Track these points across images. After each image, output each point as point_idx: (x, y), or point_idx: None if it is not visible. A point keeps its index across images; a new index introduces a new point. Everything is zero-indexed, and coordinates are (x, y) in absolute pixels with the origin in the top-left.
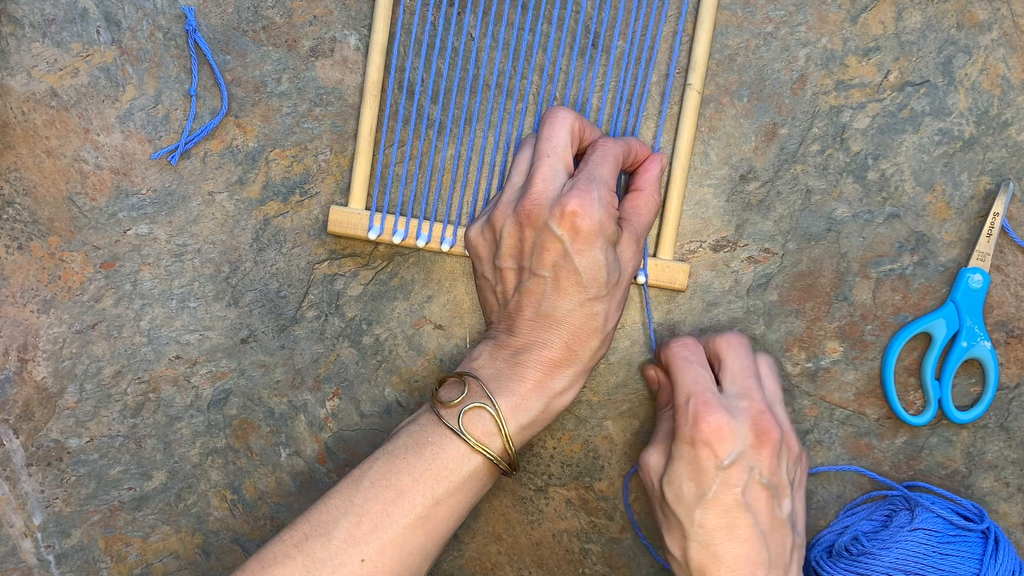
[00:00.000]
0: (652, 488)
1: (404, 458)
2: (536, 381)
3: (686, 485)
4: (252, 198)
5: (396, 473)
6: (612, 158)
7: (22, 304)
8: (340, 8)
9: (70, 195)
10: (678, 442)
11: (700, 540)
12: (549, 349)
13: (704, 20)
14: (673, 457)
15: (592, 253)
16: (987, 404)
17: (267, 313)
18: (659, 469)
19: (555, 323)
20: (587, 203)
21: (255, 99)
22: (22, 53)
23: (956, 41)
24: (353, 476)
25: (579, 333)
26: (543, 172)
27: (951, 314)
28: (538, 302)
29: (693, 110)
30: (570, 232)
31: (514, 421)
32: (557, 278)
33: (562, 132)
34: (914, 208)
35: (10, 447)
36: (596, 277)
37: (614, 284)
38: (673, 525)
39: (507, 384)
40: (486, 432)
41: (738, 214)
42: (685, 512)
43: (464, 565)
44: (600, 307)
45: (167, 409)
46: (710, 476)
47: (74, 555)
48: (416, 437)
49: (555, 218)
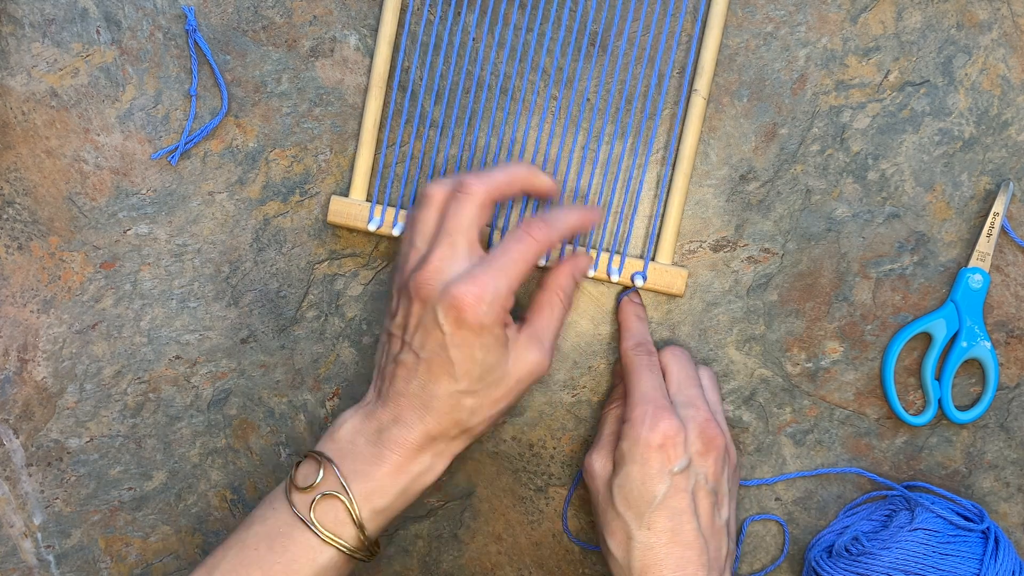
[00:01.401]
0: (597, 491)
1: (255, 549)
2: (394, 464)
3: (636, 488)
4: (252, 198)
5: (246, 566)
6: (528, 252)
7: (22, 304)
8: (340, 8)
9: (70, 195)
10: (632, 445)
11: (645, 542)
12: (410, 431)
13: (713, 26)
14: (625, 460)
15: (470, 349)
16: (987, 404)
17: (267, 313)
18: (605, 472)
19: (420, 405)
20: (477, 298)
21: (255, 99)
22: (22, 53)
23: (956, 41)
24: (206, 566)
25: (442, 420)
26: (442, 251)
27: (951, 314)
28: (408, 379)
29: (698, 116)
30: (453, 324)
31: (369, 507)
32: (431, 362)
33: (470, 210)
34: (914, 208)
35: (10, 447)
36: (469, 372)
37: (491, 382)
38: (617, 528)
39: (364, 467)
40: (339, 521)
41: (738, 214)
42: (634, 515)
43: (464, 565)
44: (469, 401)
45: (167, 409)
46: (661, 480)
47: (74, 555)
48: (269, 525)
49: (443, 304)
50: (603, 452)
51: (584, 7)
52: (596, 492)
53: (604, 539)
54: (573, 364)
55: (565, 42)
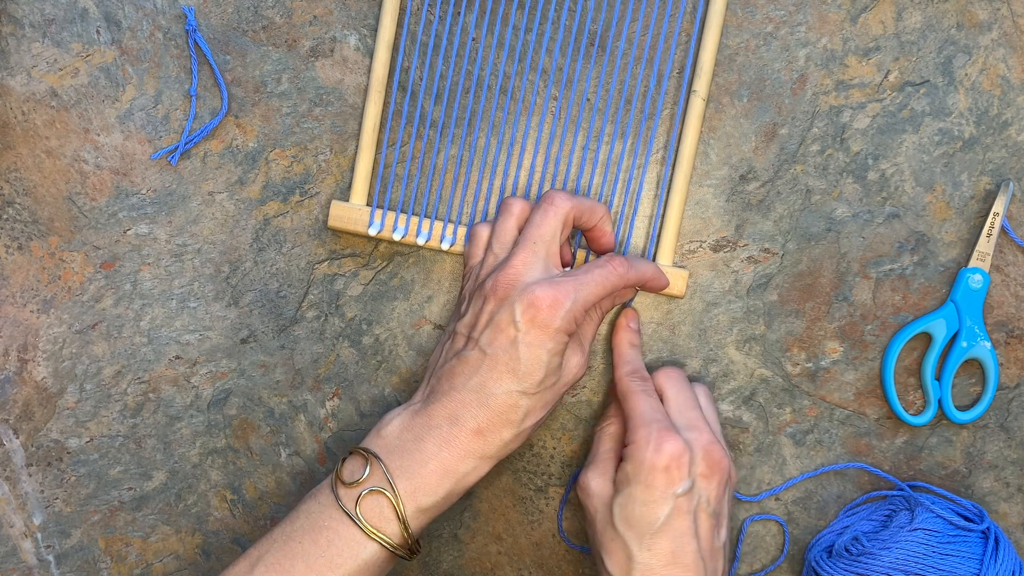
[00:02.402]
0: (594, 509)
1: (300, 542)
2: (441, 464)
3: (639, 510)
4: (252, 198)
5: (290, 558)
6: (608, 279)
7: (22, 304)
8: (340, 8)
9: (70, 195)
10: (636, 467)
11: (646, 564)
12: (460, 429)
13: (711, 27)
14: (629, 481)
15: (538, 350)
16: (987, 404)
17: (267, 313)
18: (604, 492)
19: (475, 401)
20: (557, 303)
21: (255, 99)
22: (22, 53)
23: (956, 41)
24: (250, 557)
25: (495, 420)
26: (524, 256)
27: (951, 314)
28: (469, 375)
29: (697, 117)
30: (528, 322)
31: (414, 504)
32: (497, 359)
33: (554, 221)
34: (914, 208)
35: (10, 447)
36: (532, 373)
37: (548, 386)
38: (616, 548)
39: (410, 465)
40: (384, 517)
41: (738, 214)
42: (635, 536)
43: (464, 565)
44: (525, 402)
45: (167, 409)
46: (664, 502)
47: (74, 555)
48: (314, 519)
49: (521, 302)
50: (600, 471)
51: (584, 7)
52: (593, 511)
53: (602, 559)
54: None
55: (565, 42)
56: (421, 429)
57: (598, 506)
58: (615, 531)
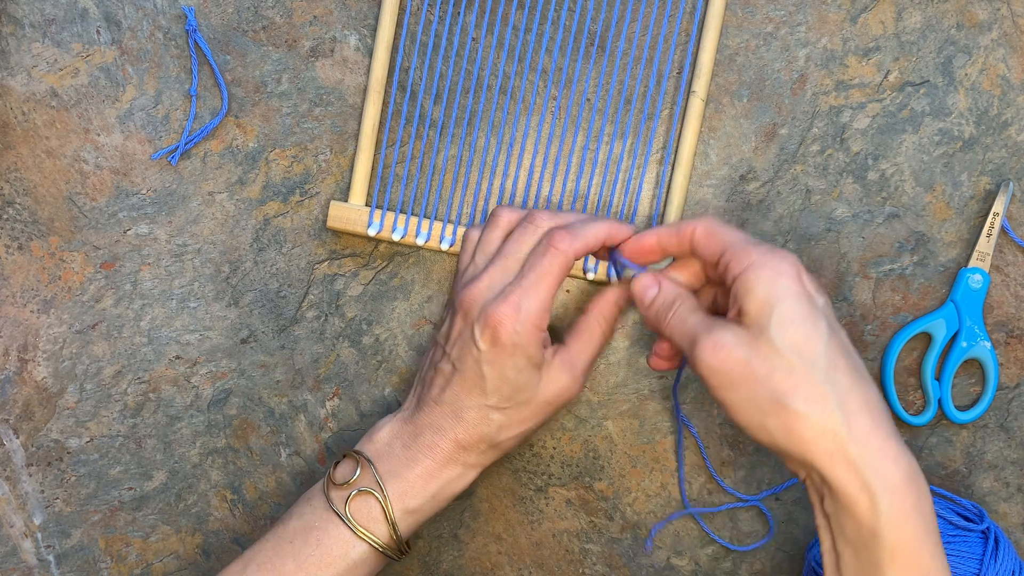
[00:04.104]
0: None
1: (291, 542)
2: (426, 468)
3: (800, 327)
4: (252, 198)
5: (281, 558)
6: (554, 265)
7: (22, 304)
8: (340, 8)
9: (70, 195)
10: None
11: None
12: (442, 438)
13: (710, 28)
14: (773, 303)
15: (501, 367)
16: (987, 404)
17: (267, 313)
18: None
19: (451, 414)
20: (510, 317)
21: (255, 99)
22: (22, 53)
23: (956, 41)
24: (244, 558)
25: (471, 432)
26: (494, 273)
27: (951, 314)
28: (444, 387)
29: (696, 118)
30: (488, 342)
31: (401, 506)
32: (464, 375)
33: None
34: (914, 208)
35: (10, 447)
36: (499, 389)
37: (520, 402)
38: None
39: (398, 469)
40: (373, 518)
41: (738, 214)
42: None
43: (464, 565)
44: (497, 416)
45: (167, 409)
46: (818, 312)
47: (74, 555)
48: (305, 520)
49: (480, 322)
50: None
51: (584, 7)
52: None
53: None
54: None
55: (565, 42)
56: (408, 436)
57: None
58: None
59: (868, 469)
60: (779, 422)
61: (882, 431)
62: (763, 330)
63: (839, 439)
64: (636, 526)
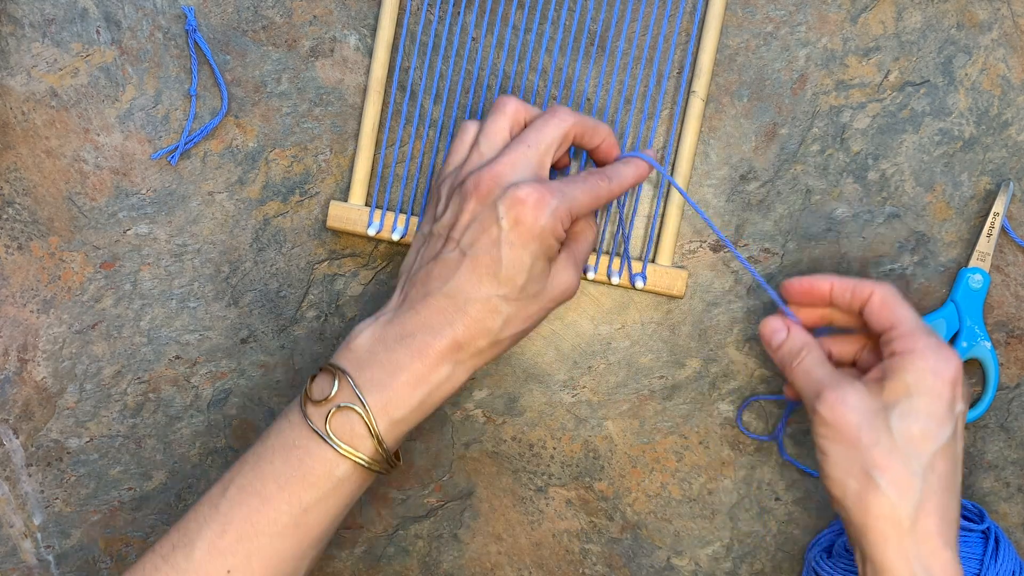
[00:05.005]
0: (856, 428)
1: (271, 462)
2: (414, 373)
3: (924, 423)
4: (252, 198)
5: (262, 479)
6: (593, 192)
7: (22, 304)
8: (340, 8)
9: (70, 195)
10: (918, 376)
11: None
12: (436, 338)
13: (710, 28)
14: (910, 391)
15: (522, 252)
16: (987, 404)
17: (267, 313)
18: (870, 405)
19: (453, 308)
20: (542, 203)
21: (255, 99)
22: (22, 53)
23: (956, 41)
24: (223, 480)
25: (472, 327)
26: (514, 156)
27: (951, 314)
28: (446, 278)
29: (696, 117)
30: (512, 221)
31: (386, 417)
32: (477, 260)
33: (555, 131)
34: (914, 208)
35: (10, 447)
36: (514, 277)
37: (530, 295)
38: (895, 464)
39: (381, 377)
40: (356, 434)
41: (738, 214)
42: (916, 452)
43: (464, 565)
44: (505, 308)
45: (167, 409)
46: (949, 419)
47: (74, 555)
48: (284, 438)
49: (505, 201)
50: (851, 387)
51: (584, 7)
52: (854, 428)
53: (870, 478)
54: (573, 364)
55: (565, 42)
56: (393, 339)
57: (862, 421)
58: (893, 445)
59: (917, 562)
60: (858, 487)
61: (943, 538)
62: (889, 408)
63: (901, 529)
64: (636, 526)
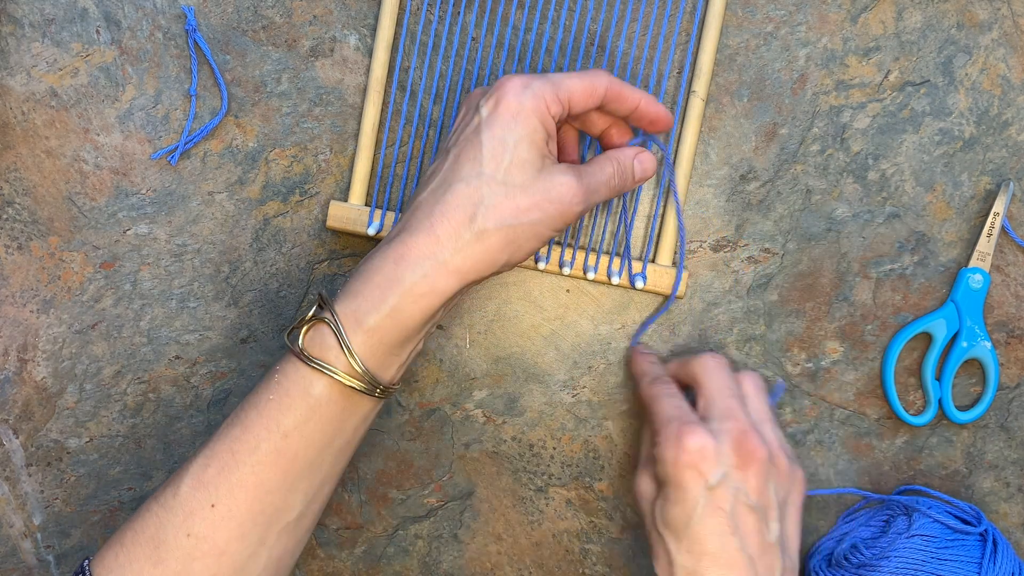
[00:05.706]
0: (644, 513)
1: (255, 393)
2: (385, 274)
3: (673, 510)
4: (252, 198)
5: (244, 408)
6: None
7: (22, 304)
8: (340, 8)
9: (70, 195)
10: (663, 467)
11: (686, 566)
12: (411, 235)
13: (710, 28)
14: (661, 482)
15: (502, 131)
16: (987, 404)
17: (267, 313)
18: (649, 493)
19: (432, 200)
20: (523, 85)
21: (255, 99)
22: (22, 53)
23: (956, 41)
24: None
25: (448, 213)
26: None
27: (951, 314)
28: (432, 177)
29: (696, 118)
30: (491, 106)
31: (354, 322)
32: (461, 150)
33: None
34: (914, 208)
35: (10, 447)
36: (496, 156)
37: (517, 184)
38: (660, 551)
39: (355, 286)
40: (327, 346)
41: (738, 214)
42: (672, 536)
43: (464, 565)
44: (485, 190)
45: (167, 409)
46: (696, 499)
47: (74, 555)
48: (270, 370)
49: (487, 94)
50: (647, 473)
51: (584, 7)
52: (644, 515)
53: (652, 562)
54: (573, 364)
55: (565, 42)
56: (373, 252)
57: (646, 508)
58: (657, 533)
59: None
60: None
61: None
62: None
63: None
64: (636, 526)
